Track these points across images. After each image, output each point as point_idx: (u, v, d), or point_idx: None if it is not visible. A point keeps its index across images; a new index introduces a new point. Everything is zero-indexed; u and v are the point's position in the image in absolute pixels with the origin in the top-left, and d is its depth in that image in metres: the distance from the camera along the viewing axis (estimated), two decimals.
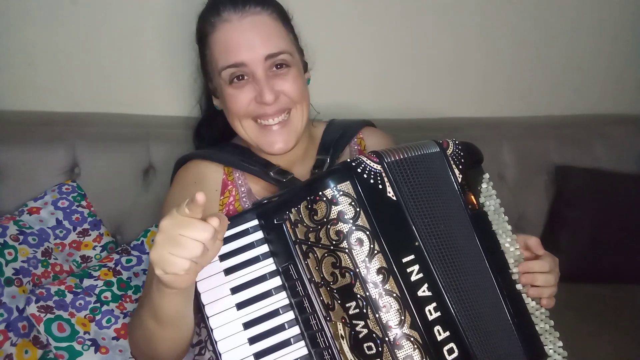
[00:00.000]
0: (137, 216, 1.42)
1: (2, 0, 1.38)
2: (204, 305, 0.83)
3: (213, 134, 1.16)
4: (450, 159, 0.85)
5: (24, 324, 1.16)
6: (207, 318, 0.82)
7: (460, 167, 0.85)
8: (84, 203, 1.38)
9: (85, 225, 1.36)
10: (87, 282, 1.22)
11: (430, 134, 1.60)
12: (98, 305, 1.19)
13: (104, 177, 1.40)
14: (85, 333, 1.14)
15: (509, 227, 0.87)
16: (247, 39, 0.89)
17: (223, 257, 0.85)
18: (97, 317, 1.18)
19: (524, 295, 0.86)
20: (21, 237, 1.24)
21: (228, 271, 0.84)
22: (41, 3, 1.39)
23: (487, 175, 0.88)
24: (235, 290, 0.84)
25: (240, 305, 0.83)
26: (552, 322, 0.86)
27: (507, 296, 0.83)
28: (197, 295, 0.83)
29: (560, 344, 0.86)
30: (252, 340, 0.81)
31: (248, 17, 0.89)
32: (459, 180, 0.84)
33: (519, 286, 0.85)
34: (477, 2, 1.61)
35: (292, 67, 0.93)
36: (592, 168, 1.66)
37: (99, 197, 1.40)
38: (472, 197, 0.85)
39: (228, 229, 0.84)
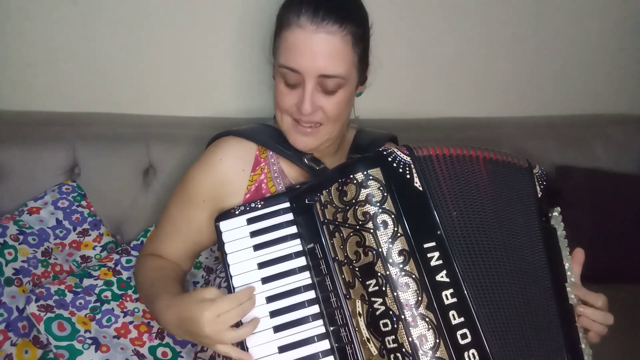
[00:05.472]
0: (137, 216, 1.43)
1: (1, 0, 1.38)
2: (231, 277, 0.89)
3: None
4: (535, 178, 0.93)
5: (24, 324, 1.16)
6: (234, 289, 0.88)
7: (542, 186, 0.93)
8: (84, 203, 1.38)
9: (85, 225, 1.36)
10: (87, 282, 1.22)
11: (431, 134, 1.63)
12: (98, 304, 1.20)
13: (104, 177, 1.40)
14: (86, 332, 1.14)
15: (570, 256, 0.93)
16: (311, 52, 0.90)
17: (254, 234, 0.91)
18: (98, 316, 1.18)
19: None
20: (21, 237, 1.24)
21: (257, 247, 0.90)
22: (41, 3, 1.39)
23: (558, 209, 0.95)
24: (262, 265, 0.89)
25: (265, 280, 0.88)
26: (590, 351, 0.88)
27: (560, 307, 0.86)
28: (226, 266, 0.90)
29: None
30: (273, 314, 0.87)
31: (321, 33, 0.89)
32: (539, 195, 0.92)
33: (571, 301, 0.89)
34: (477, 2, 1.61)
35: (341, 90, 0.95)
36: (592, 168, 1.66)
37: (99, 197, 1.40)
38: (546, 212, 0.92)
39: (261, 209, 0.92)
